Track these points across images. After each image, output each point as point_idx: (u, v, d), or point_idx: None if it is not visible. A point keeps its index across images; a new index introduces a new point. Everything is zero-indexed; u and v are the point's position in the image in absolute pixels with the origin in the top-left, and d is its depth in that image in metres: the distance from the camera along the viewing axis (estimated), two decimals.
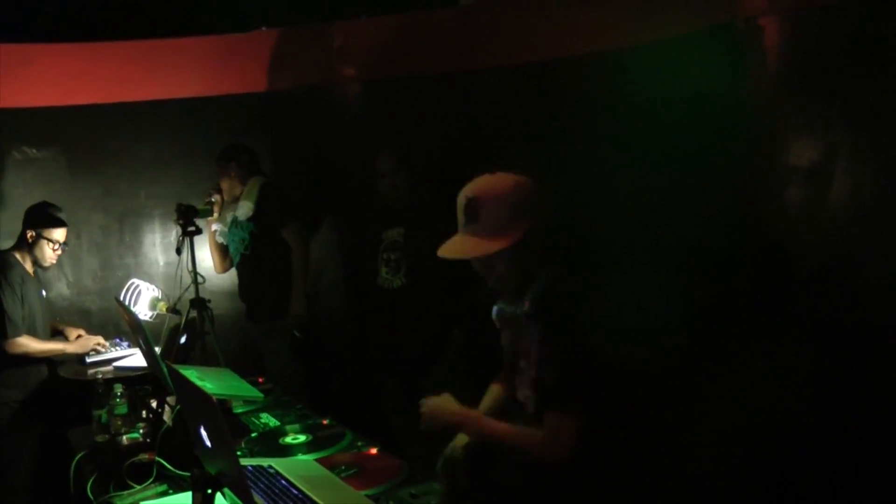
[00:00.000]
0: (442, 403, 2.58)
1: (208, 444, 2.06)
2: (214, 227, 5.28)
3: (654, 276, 4.19)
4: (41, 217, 4.68)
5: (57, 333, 4.98)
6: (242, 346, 5.34)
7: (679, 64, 4.00)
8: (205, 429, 2.06)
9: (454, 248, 2.49)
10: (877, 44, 3.22)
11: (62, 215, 4.73)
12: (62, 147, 5.39)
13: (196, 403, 2.10)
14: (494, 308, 2.65)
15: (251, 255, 5.13)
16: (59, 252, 4.72)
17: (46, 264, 4.74)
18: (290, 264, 5.08)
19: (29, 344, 4.54)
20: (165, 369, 2.82)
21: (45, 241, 4.66)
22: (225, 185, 5.19)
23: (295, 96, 5.66)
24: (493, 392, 2.86)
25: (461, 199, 2.50)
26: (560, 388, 2.40)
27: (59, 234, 4.69)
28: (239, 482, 1.96)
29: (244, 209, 5.09)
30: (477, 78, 5.05)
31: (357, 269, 5.07)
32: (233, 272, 5.36)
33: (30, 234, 4.64)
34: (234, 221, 5.17)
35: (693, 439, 3.84)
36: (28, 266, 4.70)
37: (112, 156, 5.49)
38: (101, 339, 4.88)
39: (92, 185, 5.46)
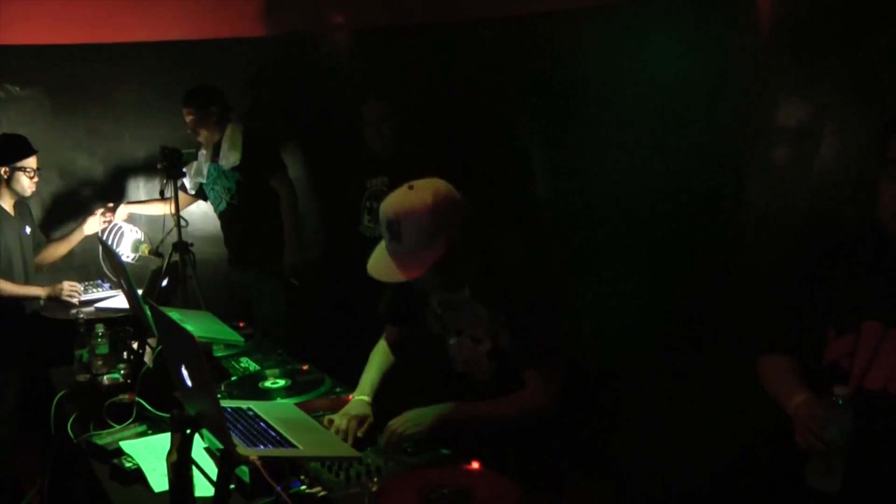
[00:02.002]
0: (411, 418, 2.63)
1: (189, 384, 2.08)
2: (185, 180, 5.21)
3: (638, 239, 4.22)
4: (10, 151, 4.60)
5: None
6: (225, 291, 5.36)
7: (669, 25, 3.99)
8: (185, 369, 2.07)
9: (381, 269, 2.62)
10: (866, 6, 3.23)
11: (28, 141, 4.67)
12: (45, 86, 5.35)
13: (178, 343, 2.11)
14: (435, 300, 2.78)
15: (238, 204, 5.11)
16: (35, 179, 4.65)
17: (28, 194, 4.65)
18: (278, 212, 5.06)
19: (2, 287, 4.50)
20: (148, 309, 2.84)
21: (20, 173, 4.58)
22: (203, 132, 5.10)
23: (281, 43, 5.63)
24: (379, 358, 3.12)
25: (383, 218, 2.61)
26: (531, 348, 2.64)
27: (32, 161, 4.63)
28: (218, 423, 1.99)
29: (231, 158, 5.03)
30: (466, 29, 5.03)
31: (340, 216, 5.07)
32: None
33: (3, 170, 4.56)
34: (219, 171, 5.13)
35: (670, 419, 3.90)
36: (6, 204, 4.62)
37: (96, 97, 5.45)
38: (75, 285, 4.82)
39: (75, 126, 5.44)
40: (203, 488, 2.15)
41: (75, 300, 4.69)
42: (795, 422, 2.13)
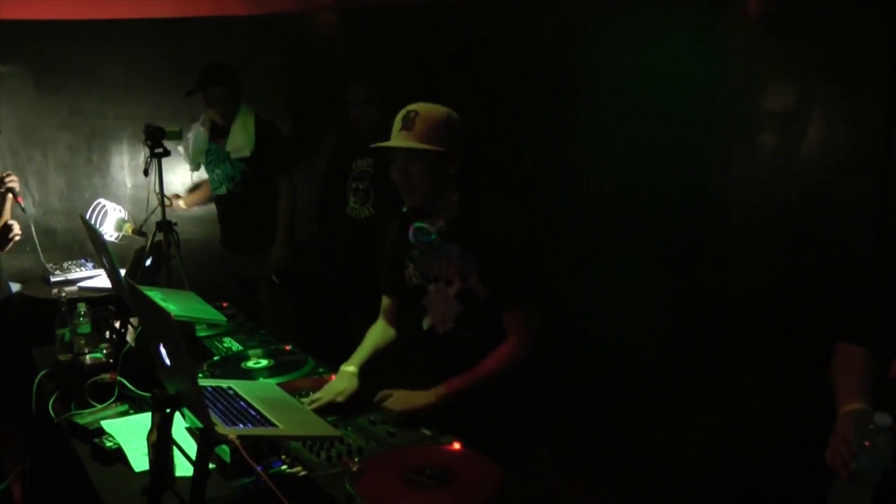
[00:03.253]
0: (410, 397, 2.77)
1: (167, 362, 2.07)
2: (181, 153, 5.16)
3: (623, 224, 4.22)
4: None
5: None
6: (210, 271, 5.34)
7: (656, 9, 3.98)
8: (164, 347, 2.06)
9: (392, 142, 2.85)
10: None
11: None
12: (28, 63, 5.31)
13: (156, 322, 2.10)
14: (411, 228, 2.93)
15: (240, 193, 5.09)
16: None
17: None
18: (276, 210, 5.09)
19: None
20: (127, 288, 2.82)
21: None
22: (214, 112, 5.00)
23: (266, 22, 5.59)
24: (375, 333, 3.20)
25: (402, 112, 2.87)
26: (507, 292, 2.84)
27: None
28: (197, 401, 1.98)
29: (242, 148, 4.99)
30: (453, 10, 5.00)
31: (326, 197, 5.05)
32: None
33: None
34: (220, 154, 5.08)
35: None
36: None
37: (80, 74, 5.41)
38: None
39: (59, 104, 5.40)
40: (184, 468, 2.14)
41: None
42: (831, 436, 2.03)
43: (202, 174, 5.28)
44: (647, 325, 3.97)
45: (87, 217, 4.84)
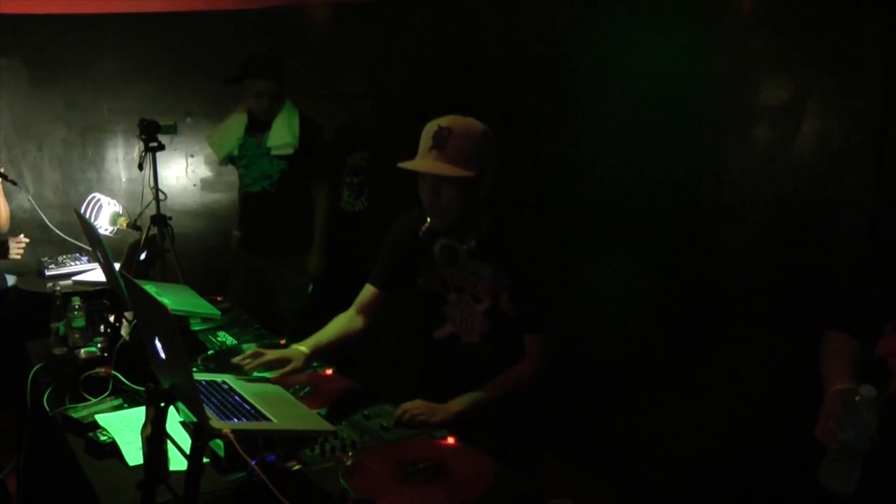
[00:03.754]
0: (430, 409, 2.66)
1: (162, 356, 2.07)
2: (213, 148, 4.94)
3: (619, 218, 4.22)
4: None
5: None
6: (204, 265, 5.34)
7: (651, 3, 3.99)
8: (159, 340, 2.06)
9: (422, 164, 2.64)
10: None
11: None
12: (23, 57, 5.30)
13: (151, 315, 2.10)
14: (438, 244, 2.76)
15: (276, 193, 4.84)
16: None
17: None
18: (311, 209, 4.88)
19: None
20: (122, 282, 2.82)
21: None
22: (256, 104, 4.76)
23: (261, 16, 5.59)
24: (341, 322, 3.07)
25: (432, 127, 2.65)
26: (535, 314, 2.74)
27: None
28: (191, 395, 1.98)
29: (285, 146, 4.76)
30: (446, 4, 5.01)
31: None
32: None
33: None
34: (257, 151, 4.86)
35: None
36: None
37: (75, 69, 5.41)
38: (21, 241, 4.68)
39: (54, 98, 5.40)
40: (178, 462, 2.15)
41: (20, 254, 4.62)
42: (820, 413, 2.08)
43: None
44: (640, 317, 3.98)
45: (82, 211, 4.84)
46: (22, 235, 4.64)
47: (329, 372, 3.06)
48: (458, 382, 2.80)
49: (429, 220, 2.77)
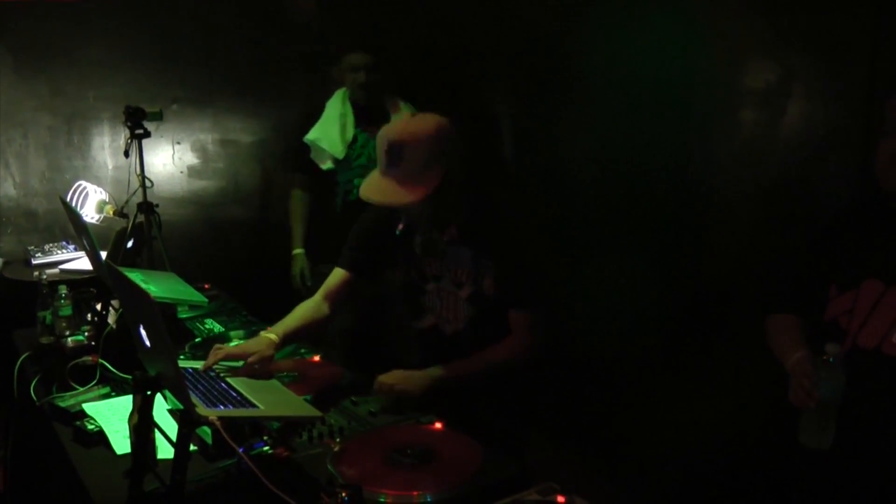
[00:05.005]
0: (407, 377, 2.66)
1: (147, 344, 2.07)
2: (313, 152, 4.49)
3: (606, 204, 4.23)
4: None
5: None
6: (190, 252, 5.33)
7: None
8: (144, 329, 2.06)
9: (376, 192, 2.59)
10: None
11: None
12: (7, 44, 5.26)
13: (135, 303, 2.10)
14: (418, 238, 2.78)
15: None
16: None
17: None
18: None
19: None
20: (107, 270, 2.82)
21: None
22: (354, 80, 4.37)
23: (252, 1, 5.57)
24: (306, 309, 2.98)
25: (382, 142, 2.59)
26: (517, 290, 2.72)
27: None
28: (177, 383, 1.98)
29: None
30: None
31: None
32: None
33: None
34: (363, 154, 4.48)
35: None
36: None
37: (60, 55, 5.37)
38: None
39: (38, 85, 5.35)
40: (166, 450, 2.14)
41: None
42: (790, 380, 2.18)
43: None
44: (628, 305, 3.99)
45: (68, 199, 4.82)
46: None
47: (316, 358, 3.06)
48: None
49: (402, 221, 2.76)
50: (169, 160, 5.57)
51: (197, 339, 3.29)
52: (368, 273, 2.98)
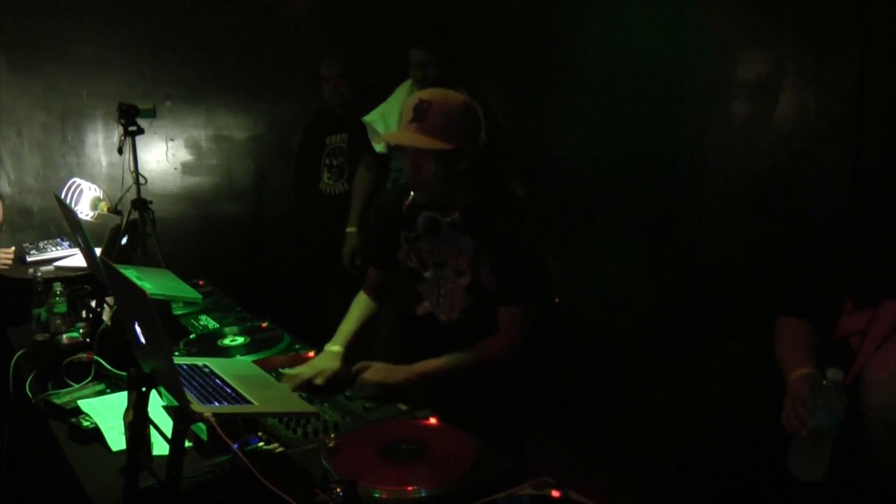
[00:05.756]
0: (387, 371, 2.70)
1: (142, 340, 2.07)
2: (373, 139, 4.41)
3: (598, 195, 4.23)
4: None
5: None
6: (185, 248, 5.33)
7: None
8: (139, 325, 2.06)
9: (403, 138, 2.65)
10: None
11: None
12: (0, 42, 5.26)
13: (130, 299, 2.10)
14: (421, 216, 2.77)
15: None
16: None
17: None
18: None
19: None
20: (102, 266, 2.82)
21: None
22: (417, 76, 4.24)
23: None
24: (359, 308, 3.07)
25: (413, 99, 2.65)
26: (511, 286, 2.72)
27: None
28: (172, 379, 1.98)
29: None
30: None
31: (299, 174, 5.05)
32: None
33: None
34: None
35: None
36: None
37: (53, 53, 5.36)
38: (8, 251, 4.71)
39: (32, 82, 5.35)
40: (161, 447, 2.15)
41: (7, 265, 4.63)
42: (785, 399, 2.05)
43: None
44: (620, 295, 4.00)
45: (62, 196, 4.82)
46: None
47: (311, 354, 3.06)
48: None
49: (412, 194, 2.78)
50: (163, 157, 5.57)
51: (191, 336, 3.30)
52: (391, 265, 3.03)
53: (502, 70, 4.75)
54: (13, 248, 4.72)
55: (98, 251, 3.52)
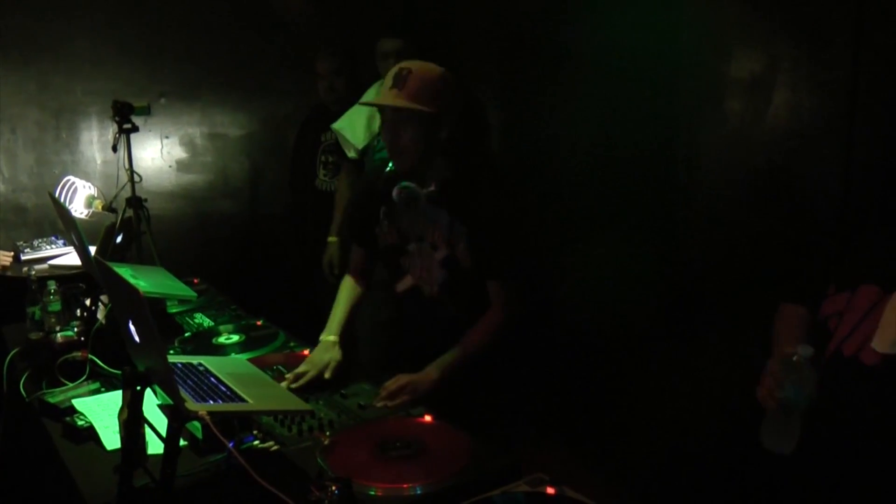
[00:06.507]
0: (415, 383, 2.68)
1: (136, 339, 2.07)
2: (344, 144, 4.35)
3: (591, 194, 4.23)
4: None
5: None
6: (180, 246, 5.33)
7: None
8: (133, 324, 2.06)
9: (382, 99, 2.72)
10: None
11: None
12: None
13: (124, 298, 2.10)
14: (396, 188, 2.78)
15: None
16: None
17: None
18: None
19: None
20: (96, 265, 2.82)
21: None
22: (385, 68, 4.08)
23: None
24: (347, 294, 3.13)
25: (395, 69, 2.71)
26: (495, 261, 2.77)
27: None
28: (166, 378, 1.98)
29: None
30: None
31: (295, 170, 5.04)
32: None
33: None
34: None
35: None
36: None
37: (47, 50, 5.36)
38: (7, 254, 4.72)
39: (26, 80, 5.34)
40: (156, 446, 2.15)
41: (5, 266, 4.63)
42: (762, 375, 2.10)
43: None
44: (617, 292, 3.99)
45: (57, 194, 4.81)
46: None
47: (306, 353, 3.06)
48: (428, 341, 2.86)
49: (391, 164, 2.84)
50: (157, 154, 5.57)
51: (186, 334, 3.30)
52: (374, 243, 3.06)
53: (495, 66, 4.75)
54: (12, 253, 4.72)
55: (93, 249, 3.51)
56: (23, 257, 4.76)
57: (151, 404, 2.14)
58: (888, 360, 2.00)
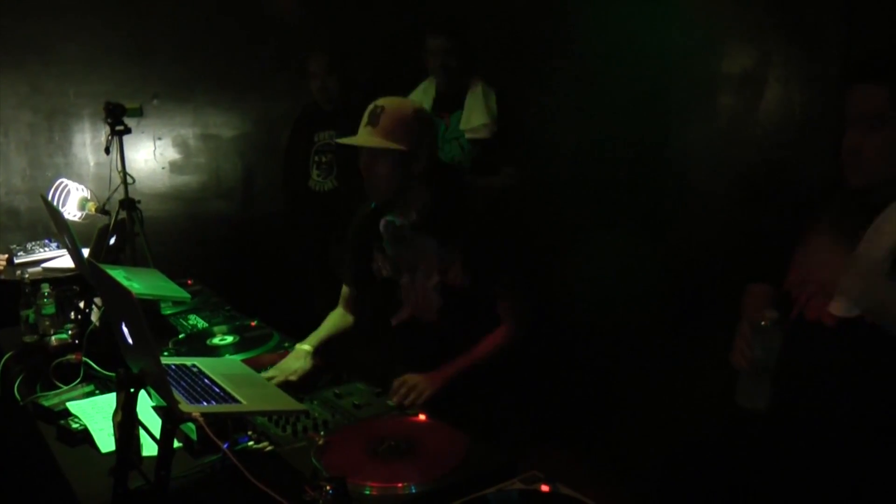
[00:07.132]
0: (422, 385, 2.70)
1: (129, 341, 2.07)
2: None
3: (584, 188, 4.23)
4: None
5: None
6: (173, 247, 5.32)
7: None
8: (126, 326, 2.06)
9: (356, 139, 2.78)
10: None
11: None
12: None
13: (117, 300, 2.10)
14: (382, 221, 2.87)
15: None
16: None
17: None
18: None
19: None
20: (89, 267, 2.81)
21: None
22: (434, 63, 4.15)
23: None
24: (334, 318, 3.19)
25: (371, 106, 2.79)
26: (494, 280, 2.81)
27: None
28: (160, 379, 1.98)
29: (480, 128, 4.04)
30: None
31: (288, 171, 5.04)
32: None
33: None
34: (449, 134, 4.18)
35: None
36: None
37: (39, 52, 5.35)
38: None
39: (17, 82, 5.33)
40: (151, 448, 2.14)
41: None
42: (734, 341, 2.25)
43: None
44: (611, 289, 3.99)
45: (49, 197, 4.81)
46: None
47: (287, 354, 3.06)
48: (431, 360, 2.82)
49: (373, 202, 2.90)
50: (150, 156, 5.57)
51: (180, 336, 3.30)
52: (368, 282, 3.09)
53: (489, 63, 4.74)
54: (6, 256, 4.71)
55: (86, 252, 3.51)
56: (16, 260, 4.76)
57: (146, 406, 2.13)
58: (844, 322, 2.10)
